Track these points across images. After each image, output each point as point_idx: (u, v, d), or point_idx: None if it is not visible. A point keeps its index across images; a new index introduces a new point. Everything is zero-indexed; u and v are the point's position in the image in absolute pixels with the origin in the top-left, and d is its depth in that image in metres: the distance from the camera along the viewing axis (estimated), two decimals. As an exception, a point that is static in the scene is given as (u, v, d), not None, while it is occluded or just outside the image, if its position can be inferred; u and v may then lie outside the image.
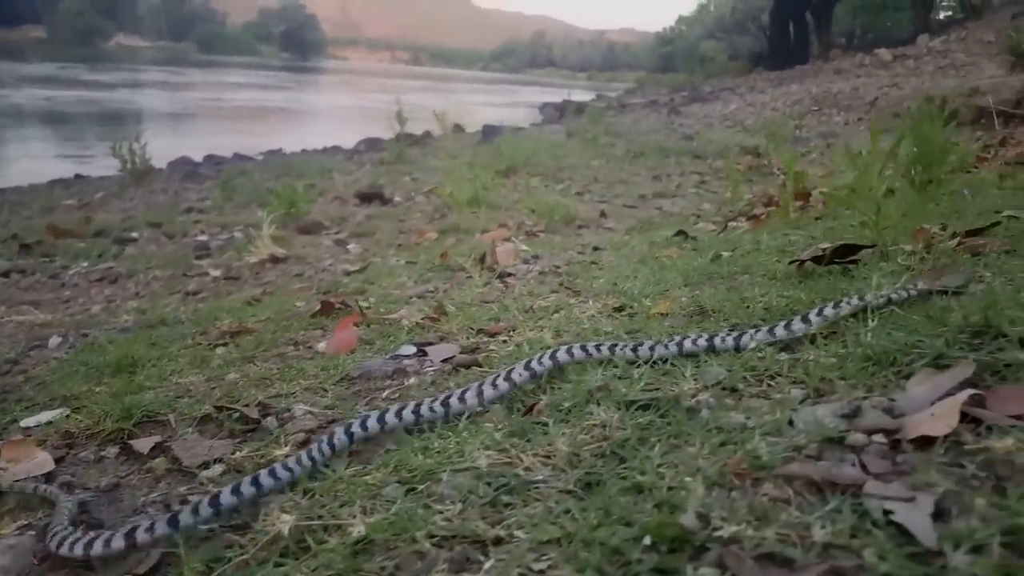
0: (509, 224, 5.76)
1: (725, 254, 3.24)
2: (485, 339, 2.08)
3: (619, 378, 1.48)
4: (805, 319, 1.57)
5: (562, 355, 1.52)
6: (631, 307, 2.21)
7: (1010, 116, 9.04)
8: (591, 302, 2.44)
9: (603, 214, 6.50)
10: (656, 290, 2.45)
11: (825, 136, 11.48)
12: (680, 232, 4.20)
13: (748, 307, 1.95)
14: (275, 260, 4.16)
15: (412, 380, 1.75)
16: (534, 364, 1.48)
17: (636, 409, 1.28)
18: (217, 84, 34.42)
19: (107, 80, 30.51)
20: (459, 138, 14.84)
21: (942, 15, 32.89)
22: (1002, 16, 21.64)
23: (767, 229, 4.09)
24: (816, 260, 2.26)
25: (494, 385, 1.43)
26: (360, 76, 61.14)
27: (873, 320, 1.56)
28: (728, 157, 10.39)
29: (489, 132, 14.54)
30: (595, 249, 4.33)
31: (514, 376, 1.45)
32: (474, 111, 25.89)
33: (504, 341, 2.03)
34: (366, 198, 6.75)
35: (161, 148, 11.71)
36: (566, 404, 1.36)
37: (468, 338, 2.12)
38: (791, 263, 2.29)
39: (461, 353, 1.94)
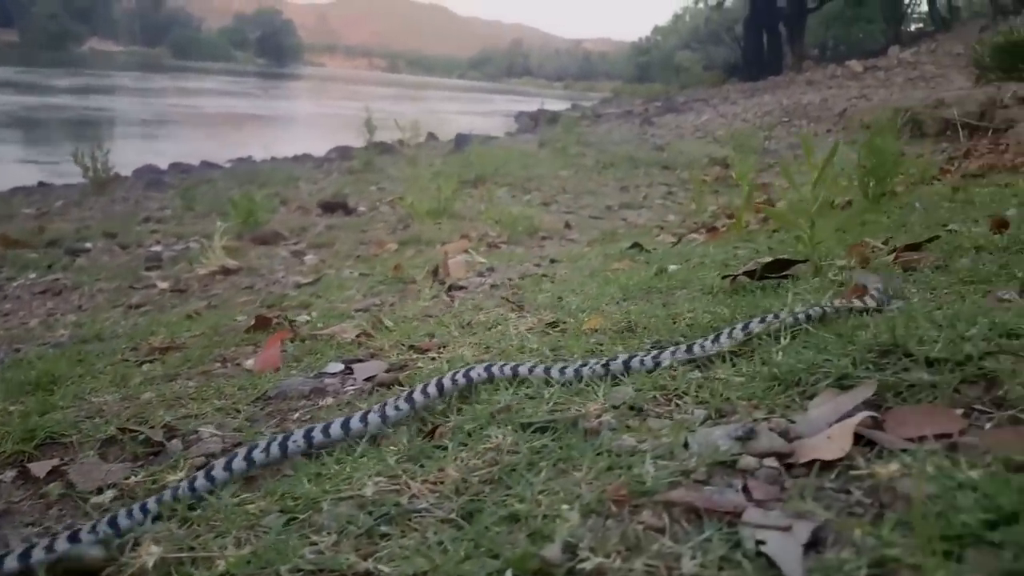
0: (471, 235, 5.74)
1: (672, 267, 3.24)
2: (415, 356, 2.05)
3: (530, 398, 1.46)
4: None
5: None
6: (564, 323, 2.19)
7: (974, 128, 9.19)
8: (529, 317, 2.42)
9: (568, 225, 6.50)
10: (594, 305, 2.43)
11: (793, 147, 11.58)
12: (635, 245, 4.19)
13: (675, 323, 1.94)
14: (226, 272, 4.10)
15: (328, 400, 1.71)
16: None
17: (534, 431, 1.25)
18: (190, 90, 34.13)
19: (79, 85, 30.15)
20: (432, 147, 14.81)
21: (913, 27, 33.44)
22: (971, 29, 22.00)
23: (720, 242, 4.11)
24: (749, 275, 2.26)
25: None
26: (336, 83, 60.93)
27: (785, 338, 1.55)
28: (697, 168, 10.47)
29: (461, 141, 14.54)
30: (552, 262, 4.32)
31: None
32: (450, 119, 25.92)
33: (433, 358, 2.00)
34: (329, 208, 6.70)
35: (129, 155, 11.57)
36: (468, 427, 1.33)
37: (399, 355, 2.08)
38: (723, 278, 2.29)
39: (386, 371, 1.91)
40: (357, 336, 2.32)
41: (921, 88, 15.42)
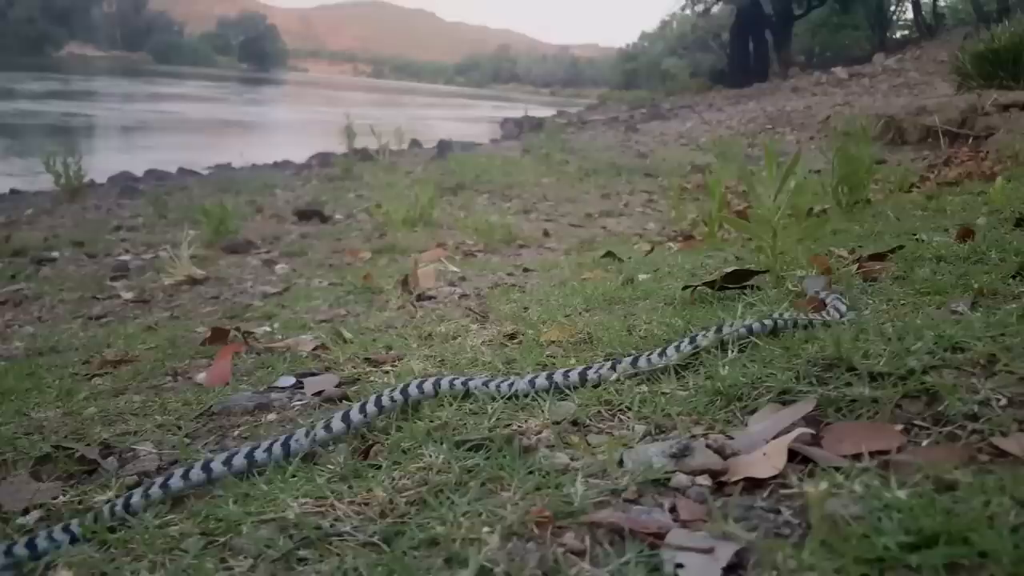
0: (448, 244, 5.71)
1: (643, 276, 3.23)
2: (369, 369, 2.02)
3: (473, 413, 1.44)
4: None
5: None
6: (524, 335, 2.17)
7: (955, 135, 9.25)
8: (491, 328, 2.39)
9: (546, 233, 6.48)
10: (557, 316, 2.41)
11: (776, 155, 11.61)
12: (609, 254, 4.18)
13: (631, 335, 1.92)
14: (193, 282, 4.05)
15: (271, 416, 1.68)
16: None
17: (468, 449, 1.23)
18: (170, 95, 33.89)
19: (56, 90, 29.88)
20: (414, 154, 14.78)
21: (899, 34, 33.73)
22: (956, 36, 22.16)
23: (694, 251, 4.10)
24: (710, 286, 2.25)
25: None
26: (319, 88, 60.74)
27: (732, 351, 1.53)
28: (679, 175, 10.49)
29: (444, 148, 14.52)
30: (525, 271, 4.30)
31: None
32: (435, 125, 25.87)
33: (386, 371, 1.97)
34: (304, 216, 6.65)
35: (105, 162, 11.45)
36: (405, 444, 1.30)
37: (353, 368, 2.05)
38: (684, 288, 2.27)
39: (337, 386, 1.88)
40: (314, 349, 2.29)
41: (905, 95, 15.54)
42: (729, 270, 2.31)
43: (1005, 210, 2.99)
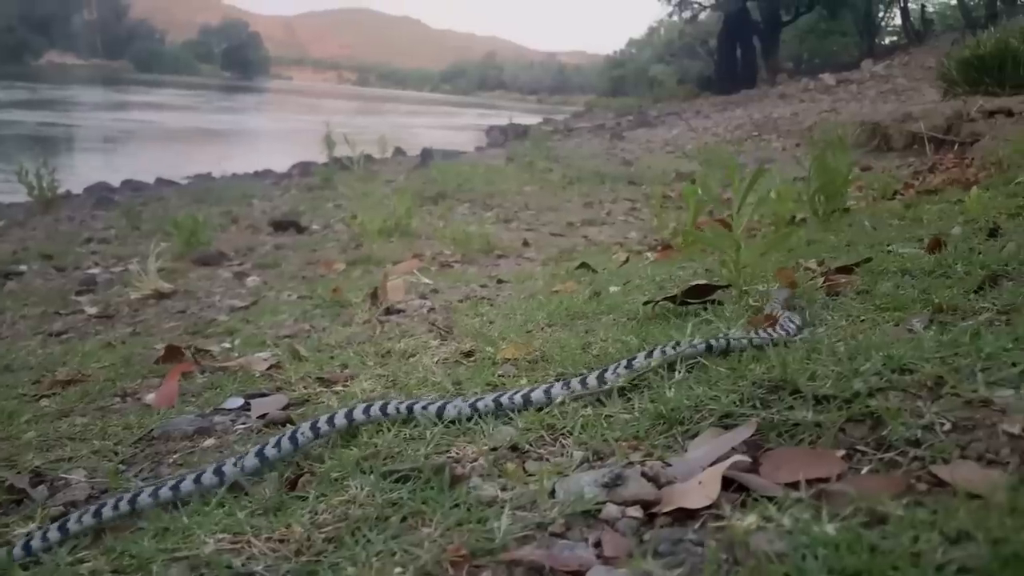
0: (425, 255, 5.66)
1: (613, 289, 3.19)
2: (320, 389, 1.98)
3: (411, 439, 1.39)
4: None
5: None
6: (481, 352, 2.13)
7: (941, 142, 9.28)
8: (450, 345, 2.35)
9: (526, 243, 6.43)
10: (520, 332, 2.37)
11: (761, 162, 11.62)
12: (583, 265, 4.14)
13: (585, 352, 1.88)
14: (160, 296, 3.99)
15: (211, 441, 1.63)
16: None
17: (396, 480, 1.19)
18: (151, 104, 33.67)
19: (35, 99, 29.64)
20: (397, 162, 14.71)
21: (887, 40, 33.90)
22: (944, 41, 22.29)
23: (668, 262, 4.06)
24: (671, 300, 2.21)
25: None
26: (303, 96, 60.55)
27: (680, 372, 1.50)
28: (664, 183, 10.48)
29: (427, 156, 14.47)
30: (499, 282, 4.25)
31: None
32: (420, 133, 25.81)
33: (338, 392, 1.93)
34: (280, 226, 6.59)
35: (83, 172, 11.34)
36: (335, 474, 1.26)
37: (305, 387, 2.01)
38: (645, 303, 2.24)
39: (285, 407, 1.83)
40: (268, 368, 2.25)
41: (892, 101, 15.60)
42: (691, 284, 2.27)
43: (980, 220, 2.97)
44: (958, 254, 2.48)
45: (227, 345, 2.73)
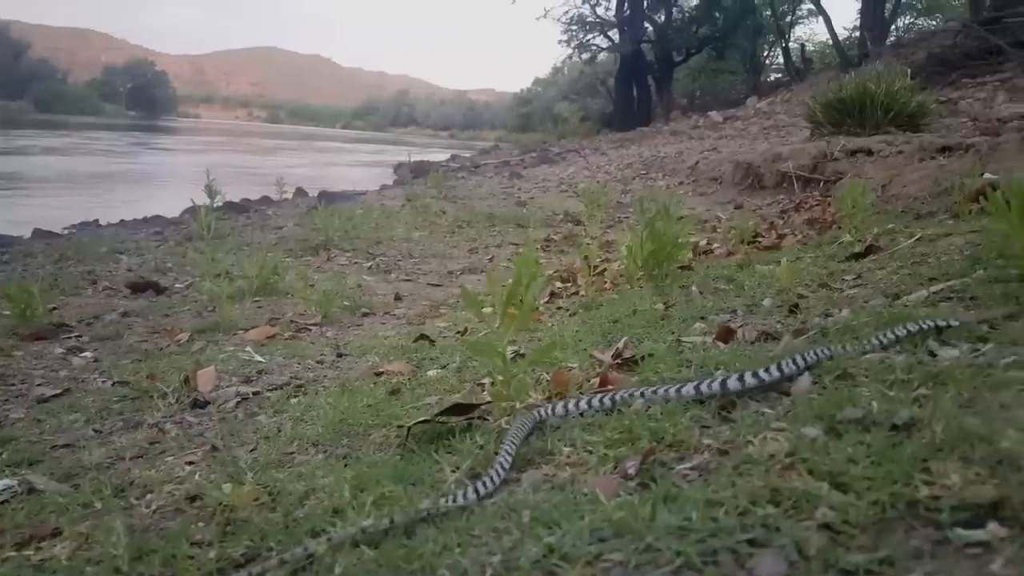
0: (285, 316, 5.39)
1: (431, 373, 3.03)
2: (10, 554, 1.72)
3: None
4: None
5: None
6: (211, 495, 1.79)
7: (808, 180, 9.72)
8: (200, 477, 2.08)
9: (398, 297, 6.23)
10: (277, 457, 2.14)
11: (645, 201, 11.82)
12: (423, 337, 3.97)
13: (303, 503, 1.64)
14: (-41, 384, 3.61)
15: None
16: None
17: None
18: (45, 148, 32.01)
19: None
20: (295, 205, 14.30)
21: (772, 76, 35.67)
22: (823, 79, 23.47)
23: (508, 327, 3.92)
24: (428, 421, 1.99)
25: None
26: (210, 135, 58.97)
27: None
28: (550, 225, 10.50)
29: (325, 199, 14.11)
30: (339, 356, 4.02)
31: None
32: (327, 171, 25.33)
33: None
34: (138, 288, 6.17)
35: (-41, 224, 10.46)
36: None
37: None
38: (399, 426, 2.05)
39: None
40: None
41: (773, 137, 16.23)
42: (449, 404, 2.09)
43: (790, 291, 2.95)
44: (741, 347, 2.30)
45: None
